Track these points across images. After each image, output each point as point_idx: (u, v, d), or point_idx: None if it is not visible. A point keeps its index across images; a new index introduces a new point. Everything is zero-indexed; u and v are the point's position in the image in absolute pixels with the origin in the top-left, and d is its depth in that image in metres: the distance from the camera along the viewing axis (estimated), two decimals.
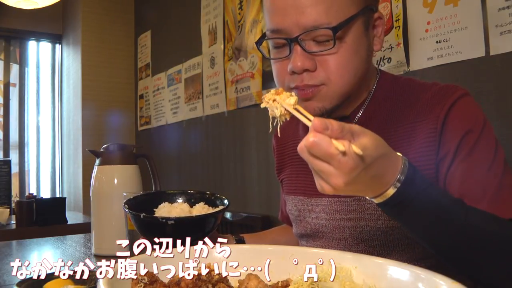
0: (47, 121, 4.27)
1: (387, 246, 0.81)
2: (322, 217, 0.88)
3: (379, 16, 0.82)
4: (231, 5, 2.59)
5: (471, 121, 0.75)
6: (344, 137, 0.54)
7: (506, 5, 1.31)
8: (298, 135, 1.00)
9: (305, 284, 0.53)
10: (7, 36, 4.03)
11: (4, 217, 2.56)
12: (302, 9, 0.74)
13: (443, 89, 0.79)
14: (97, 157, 1.35)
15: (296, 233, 0.98)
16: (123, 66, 3.89)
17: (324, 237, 0.89)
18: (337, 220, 0.86)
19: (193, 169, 3.06)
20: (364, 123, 0.84)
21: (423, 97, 0.80)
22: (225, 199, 0.94)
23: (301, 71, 0.76)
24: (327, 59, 0.75)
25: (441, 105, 0.76)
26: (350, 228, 0.84)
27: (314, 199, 0.90)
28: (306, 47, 0.75)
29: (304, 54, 0.75)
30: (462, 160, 0.73)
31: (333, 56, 0.75)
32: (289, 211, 0.99)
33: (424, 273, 0.52)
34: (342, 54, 0.75)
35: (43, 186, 4.22)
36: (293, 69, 0.76)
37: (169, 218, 0.81)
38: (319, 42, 0.75)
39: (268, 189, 2.31)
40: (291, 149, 1.01)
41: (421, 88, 0.83)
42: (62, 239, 1.60)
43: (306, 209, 0.92)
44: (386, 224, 0.80)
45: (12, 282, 0.96)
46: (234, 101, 2.55)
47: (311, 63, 0.75)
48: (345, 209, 0.85)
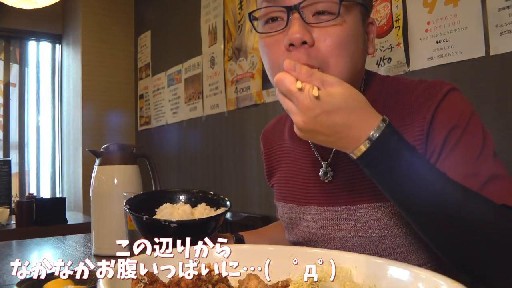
0: (47, 121, 4.27)
1: (380, 255, 0.79)
2: (312, 226, 0.86)
3: (371, 22, 0.80)
4: (231, 5, 2.59)
5: (456, 117, 0.72)
6: (311, 82, 0.61)
7: (506, 5, 1.31)
8: (284, 138, 0.97)
9: (305, 284, 0.53)
10: (7, 36, 4.04)
11: (4, 217, 2.56)
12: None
13: (428, 88, 0.76)
14: (97, 157, 1.35)
15: (289, 240, 0.95)
16: (123, 66, 3.90)
17: (316, 246, 0.87)
18: (327, 229, 0.84)
19: (193, 169, 3.06)
20: None
21: (409, 98, 0.77)
22: (227, 201, 0.93)
23: (300, 42, 0.69)
24: (327, 33, 0.70)
25: (427, 106, 0.74)
26: (341, 238, 0.82)
27: (304, 207, 0.88)
28: (305, 18, 0.70)
29: (304, 24, 0.69)
30: (447, 155, 0.71)
31: (335, 28, 0.70)
32: (281, 217, 0.97)
33: (424, 273, 0.52)
34: (343, 31, 0.70)
35: (43, 186, 4.22)
36: (291, 41, 0.69)
37: (172, 221, 0.81)
38: (319, 15, 0.70)
39: (268, 189, 2.29)
40: (278, 153, 0.98)
41: (406, 88, 0.80)
42: (62, 239, 1.60)
43: (297, 217, 0.90)
44: (378, 233, 0.78)
45: (12, 282, 0.96)
46: (234, 101, 2.55)
47: (309, 35, 0.69)
48: (335, 218, 0.82)
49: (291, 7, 0.70)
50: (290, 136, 0.94)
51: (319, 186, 0.85)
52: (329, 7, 0.70)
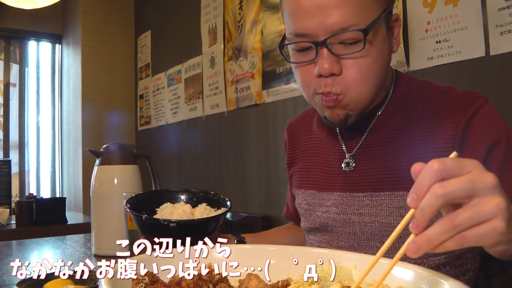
0: (47, 121, 4.27)
1: (397, 242, 0.81)
2: (332, 211, 0.89)
3: (396, 18, 0.82)
4: (231, 5, 2.59)
5: (494, 132, 0.75)
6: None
7: (506, 5, 1.31)
8: (312, 130, 1.01)
9: (305, 284, 0.53)
10: (7, 36, 4.03)
11: (4, 217, 2.56)
12: (329, 11, 0.72)
13: (464, 95, 0.79)
14: (97, 157, 1.35)
15: (305, 227, 0.98)
16: (123, 66, 3.89)
17: (333, 231, 0.90)
18: (347, 214, 0.86)
19: (193, 169, 3.06)
20: (382, 123, 0.85)
21: (442, 100, 0.80)
22: (228, 201, 0.93)
23: (329, 74, 0.74)
24: (354, 63, 0.74)
25: (462, 112, 0.76)
26: (360, 223, 0.84)
27: (325, 193, 0.91)
28: (333, 50, 0.74)
29: (332, 57, 0.74)
30: (499, 170, 0.71)
31: (362, 59, 0.74)
32: (299, 205, 0.99)
33: (426, 273, 0.52)
34: (370, 58, 0.75)
35: (43, 186, 4.22)
36: (321, 72, 0.74)
37: (171, 221, 0.81)
38: (346, 45, 0.74)
39: (268, 189, 2.31)
40: (304, 144, 1.02)
41: (438, 90, 0.83)
42: (62, 239, 1.60)
43: (316, 203, 0.93)
44: (398, 220, 0.79)
45: (12, 282, 0.96)
46: (234, 101, 2.55)
47: (337, 66, 0.74)
48: (356, 204, 0.85)
49: (319, 42, 0.74)
50: (319, 127, 0.98)
51: (342, 175, 0.89)
52: (356, 37, 0.73)
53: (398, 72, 0.90)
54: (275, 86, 2.21)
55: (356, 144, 0.88)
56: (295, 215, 1.09)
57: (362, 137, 0.87)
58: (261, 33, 2.33)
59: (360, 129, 0.88)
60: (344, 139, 0.91)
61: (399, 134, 0.83)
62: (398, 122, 0.84)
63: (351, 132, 0.89)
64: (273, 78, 2.24)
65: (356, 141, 0.88)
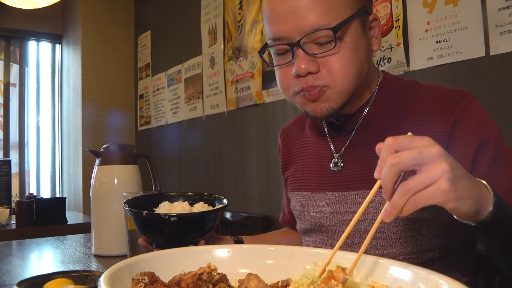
0: (47, 121, 4.27)
1: (390, 238, 0.82)
2: (326, 210, 0.90)
3: (374, 18, 0.84)
4: (231, 5, 2.59)
5: (483, 131, 0.76)
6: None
7: (506, 5, 1.31)
8: (304, 134, 1.02)
9: (305, 284, 0.53)
10: (7, 36, 4.04)
11: (4, 217, 2.56)
12: (301, 14, 0.76)
13: (451, 92, 0.81)
14: (97, 157, 1.35)
15: (300, 228, 0.99)
16: (123, 66, 3.89)
17: (327, 231, 0.91)
18: (340, 213, 0.87)
19: (193, 169, 3.06)
20: (369, 121, 0.87)
21: (429, 97, 0.82)
22: (224, 199, 0.95)
23: (306, 73, 0.78)
24: (329, 60, 0.78)
25: (451, 109, 0.78)
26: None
27: (318, 194, 0.92)
28: (308, 50, 0.78)
29: (307, 57, 0.78)
30: (485, 173, 0.73)
31: (335, 56, 0.77)
32: (293, 207, 1.01)
33: (425, 273, 0.52)
34: (343, 53, 0.78)
35: (43, 186, 4.22)
36: (298, 72, 0.78)
37: (172, 215, 0.82)
38: (320, 44, 0.77)
39: (268, 189, 2.31)
40: (297, 147, 1.03)
41: (425, 88, 0.85)
42: (62, 239, 1.60)
43: (310, 204, 0.94)
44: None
45: (12, 282, 0.96)
46: (234, 101, 2.55)
47: (314, 65, 0.78)
48: (349, 202, 0.86)
49: (293, 43, 0.78)
50: (311, 130, 1.00)
51: (333, 175, 0.90)
52: (329, 36, 0.76)
53: (385, 72, 0.92)
54: (275, 86, 2.21)
55: (344, 144, 0.90)
56: (291, 220, 1.11)
57: (350, 137, 0.89)
58: (261, 33, 2.33)
59: (347, 129, 0.89)
60: (332, 140, 0.93)
61: (387, 132, 0.84)
62: (386, 120, 0.85)
63: (340, 132, 0.91)
64: (273, 78, 2.24)
65: (344, 141, 0.90)
